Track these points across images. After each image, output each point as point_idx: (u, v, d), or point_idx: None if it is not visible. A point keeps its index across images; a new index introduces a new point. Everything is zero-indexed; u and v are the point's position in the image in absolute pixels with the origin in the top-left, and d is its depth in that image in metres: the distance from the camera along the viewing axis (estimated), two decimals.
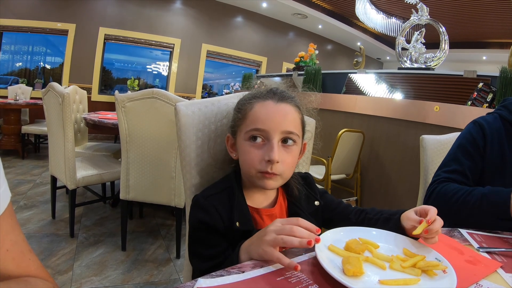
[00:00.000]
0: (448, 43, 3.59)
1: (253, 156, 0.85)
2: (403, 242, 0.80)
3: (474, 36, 9.44)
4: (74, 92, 3.69)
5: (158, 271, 2.40)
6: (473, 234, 0.99)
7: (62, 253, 2.47)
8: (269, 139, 0.84)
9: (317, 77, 4.32)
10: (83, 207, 3.35)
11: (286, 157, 0.86)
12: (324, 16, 8.94)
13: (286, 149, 0.87)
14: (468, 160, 1.24)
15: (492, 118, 1.29)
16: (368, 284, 0.62)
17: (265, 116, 0.86)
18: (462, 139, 1.30)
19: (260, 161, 0.84)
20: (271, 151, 0.83)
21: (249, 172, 0.87)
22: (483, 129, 1.26)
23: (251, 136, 0.86)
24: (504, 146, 1.22)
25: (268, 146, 0.84)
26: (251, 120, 0.87)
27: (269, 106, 0.87)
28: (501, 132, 1.24)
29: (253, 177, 0.87)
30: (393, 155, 3.14)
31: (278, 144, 0.85)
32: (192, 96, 8.15)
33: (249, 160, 0.86)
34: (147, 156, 2.45)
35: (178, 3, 7.96)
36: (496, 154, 1.22)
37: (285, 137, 0.86)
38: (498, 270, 0.76)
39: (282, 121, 0.85)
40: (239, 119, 0.91)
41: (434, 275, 0.67)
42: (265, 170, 0.84)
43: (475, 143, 1.25)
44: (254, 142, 0.86)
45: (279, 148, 0.85)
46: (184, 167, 1.04)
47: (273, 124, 0.84)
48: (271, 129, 0.84)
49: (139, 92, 2.34)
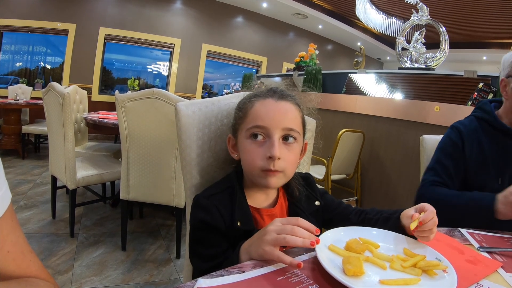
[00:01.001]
0: (449, 43, 3.58)
1: (255, 154, 0.85)
2: (403, 242, 0.80)
3: (474, 36, 9.45)
4: (75, 92, 3.69)
5: (158, 271, 2.40)
6: (474, 234, 0.99)
7: (62, 253, 2.47)
8: (270, 136, 0.85)
9: (317, 77, 4.32)
10: (83, 207, 3.35)
11: (288, 154, 0.86)
12: (324, 16, 8.94)
13: (287, 146, 0.87)
14: (451, 161, 1.35)
15: (468, 121, 1.43)
16: (369, 284, 0.62)
17: (265, 113, 0.86)
18: (443, 144, 1.42)
19: (261, 158, 0.84)
20: (272, 147, 0.83)
21: (251, 171, 0.87)
22: (460, 131, 1.38)
23: (251, 133, 0.87)
24: (482, 143, 1.34)
25: (269, 143, 0.84)
26: (252, 118, 0.87)
27: (269, 103, 0.88)
28: (478, 131, 1.37)
29: (255, 176, 0.87)
30: (394, 155, 3.14)
31: (279, 141, 0.85)
32: (192, 96, 8.15)
33: (251, 159, 0.86)
34: (147, 156, 2.45)
35: (178, 3, 7.96)
36: (476, 152, 1.34)
37: (286, 134, 0.86)
38: (498, 270, 0.76)
39: (283, 118, 0.86)
40: (240, 118, 0.91)
41: (435, 275, 0.67)
42: (267, 168, 0.84)
43: (454, 145, 1.37)
44: (255, 139, 0.86)
45: (280, 145, 0.85)
46: (185, 167, 1.04)
47: (273, 121, 0.85)
48: (271, 126, 0.85)
49: (140, 92, 2.34)
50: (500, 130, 1.33)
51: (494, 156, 1.32)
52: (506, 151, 1.31)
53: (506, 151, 1.31)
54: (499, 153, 1.32)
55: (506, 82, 1.34)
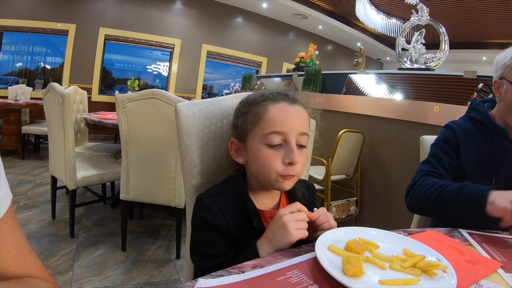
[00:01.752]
0: (448, 44, 3.58)
1: (273, 160, 0.84)
2: (403, 242, 0.80)
3: (474, 37, 9.45)
4: (75, 92, 3.69)
5: (158, 271, 2.41)
6: (473, 234, 0.99)
7: (62, 253, 2.47)
8: (287, 141, 0.84)
9: (317, 77, 4.32)
10: (83, 208, 3.35)
11: (302, 157, 0.86)
12: (324, 16, 8.94)
13: (301, 150, 0.87)
14: (446, 155, 1.37)
15: (462, 121, 1.45)
16: (368, 284, 0.62)
17: (283, 118, 0.85)
18: (438, 141, 1.44)
19: (280, 164, 0.84)
20: (292, 153, 0.83)
21: (268, 176, 0.86)
22: (454, 130, 1.40)
23: (269, 139, 0.85)
24: (477, 143, 1.36)
25: (288, 148, 0.84)
26: (268, 123, 0.85)
27: (285, 108, 0.86)
28: (472, 131, 1.39)
29: (272, 181, 0.86)
30: (394, 156, 3.14)
31: (296, 146, 0.85)
32: (192, 97, 8.15)
33: (269, 164, 0.84)
34: (147, 157, 2.45)
35: (178, 4, 7.96)
36: (471, 150, 1.36)
37: (300, 139, 0.86)
38: (498, 270, 0.76)
39: (298, 123, 0.86)
40: (251, 122, 0.88)
41: (434, 275, 0.67)
42: (287, 173, 0.84)
43: (449, 142, 1.39)
44: (271, 145, 0.85)
45: (297, 150, 0.85)
46: (185, 167, 1.04)
47: (290, 126, 0.84)
48: (289, 131, 0.84)
49: (140, 93, 2.34)
50: (493, 130, 1.35)
51: (488, 156, 1.34)
52: (500, 151, 1.33)
53: (500, 151, 1.33)
54: (493, 153, 1.34)
55: (499, 83, 1.32)
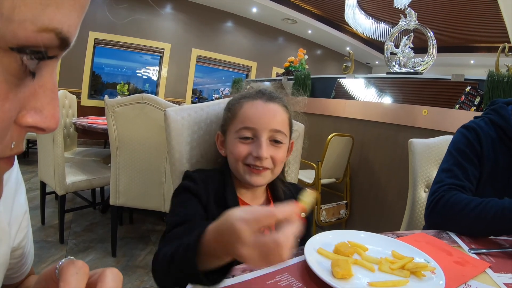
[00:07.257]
0: (436, 48, 3.63)
1: (241, 149, 0.88)
2: (391, 244, 0.81)
3: (462, 41, 9.58)
4: (64, 96, 3.66)
5: (149, 277, 2.38)
6: (462, 236, 1.00)
7: (51, 260, 2.44)
8: (258, 136, 0.87)
9: (307, 82, 4.35)
10: (73, 213, 3.31)
11: (275, 153, 0.89)
12: (314, 21, 9.00)
13: (275, 147, 0.89)
14: (470, 164, 1.18)
15: (484, 123, 1.24)
16: (358, 286, 0.62)
17: (254, 115, 0.89)
18: (460, 144, 1.22)
19: (247, 154, 0.87)
20: (260, 148, 0.86)
21: (236, 166, 0.90)
22: (478, 134, 1.20)
23: (240, 134, 0.89)
24: (497, 152, 1.18)
25: (257, 143, 0.87)
26: (241, 119, 0.90)
27: (258, 105, 0.90)
28: (494, 138, 1.20)
29: (240, 172, 0.89)
30: (383, 159, 3.16)
31: (267, 141, 0.88)
32: (182, 101, 8.13)
33: (237, 154, 0.88)
34: (137, 162, 2.44)
35: (168, 8, 7.94)
36: (491, 159, 1.18)
37: (274, 135, 0.89)
38: (486, 270, 0.77)
39: (271, 120, 0.88)
40: (229, 118, 0.94)
41: (423, 276, 0.68)
42: (252, 163, 0.87)
43: (473, 148, 1.19)
44: (243, 140, 0.89)
45: (268, 145, 0.88)
46: (174, 172, 1.04)
47: (261, 122, 0.87)
48: (260, 127, 0.87)
49: (129, 97, 2.33)
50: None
51: (505, 170, 1.17)
52: None
53: None
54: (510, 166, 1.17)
55: None
